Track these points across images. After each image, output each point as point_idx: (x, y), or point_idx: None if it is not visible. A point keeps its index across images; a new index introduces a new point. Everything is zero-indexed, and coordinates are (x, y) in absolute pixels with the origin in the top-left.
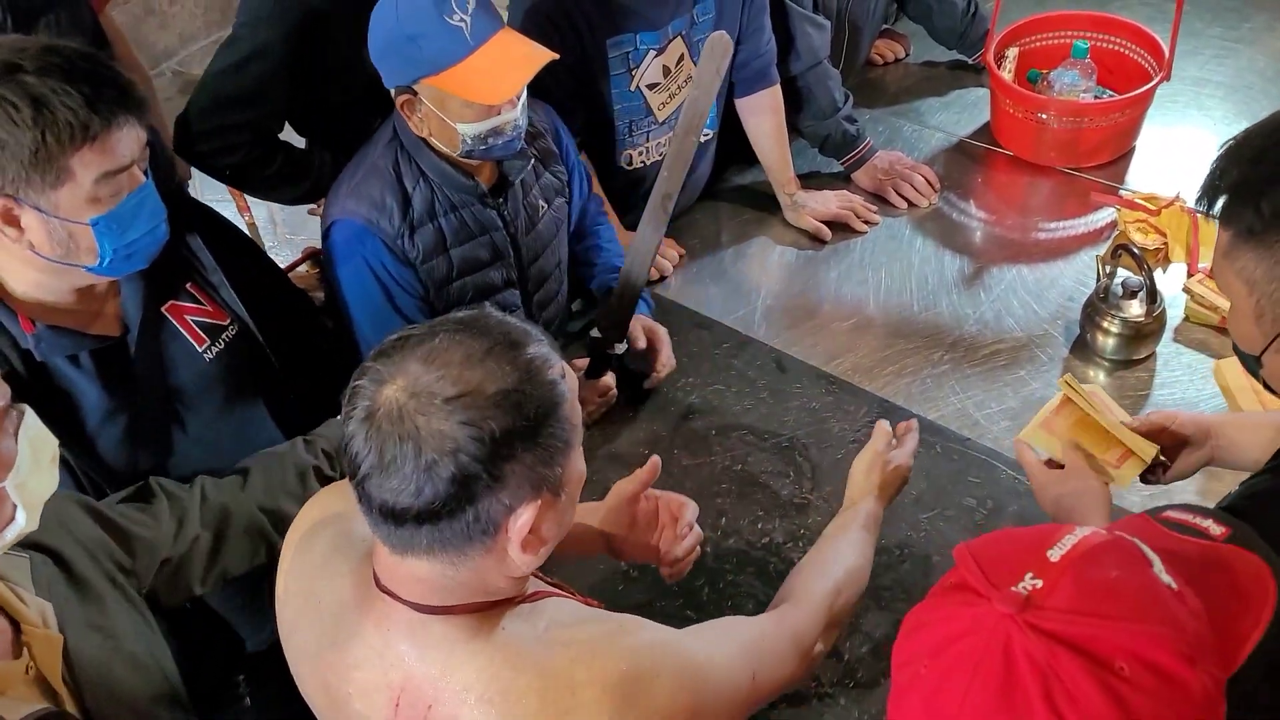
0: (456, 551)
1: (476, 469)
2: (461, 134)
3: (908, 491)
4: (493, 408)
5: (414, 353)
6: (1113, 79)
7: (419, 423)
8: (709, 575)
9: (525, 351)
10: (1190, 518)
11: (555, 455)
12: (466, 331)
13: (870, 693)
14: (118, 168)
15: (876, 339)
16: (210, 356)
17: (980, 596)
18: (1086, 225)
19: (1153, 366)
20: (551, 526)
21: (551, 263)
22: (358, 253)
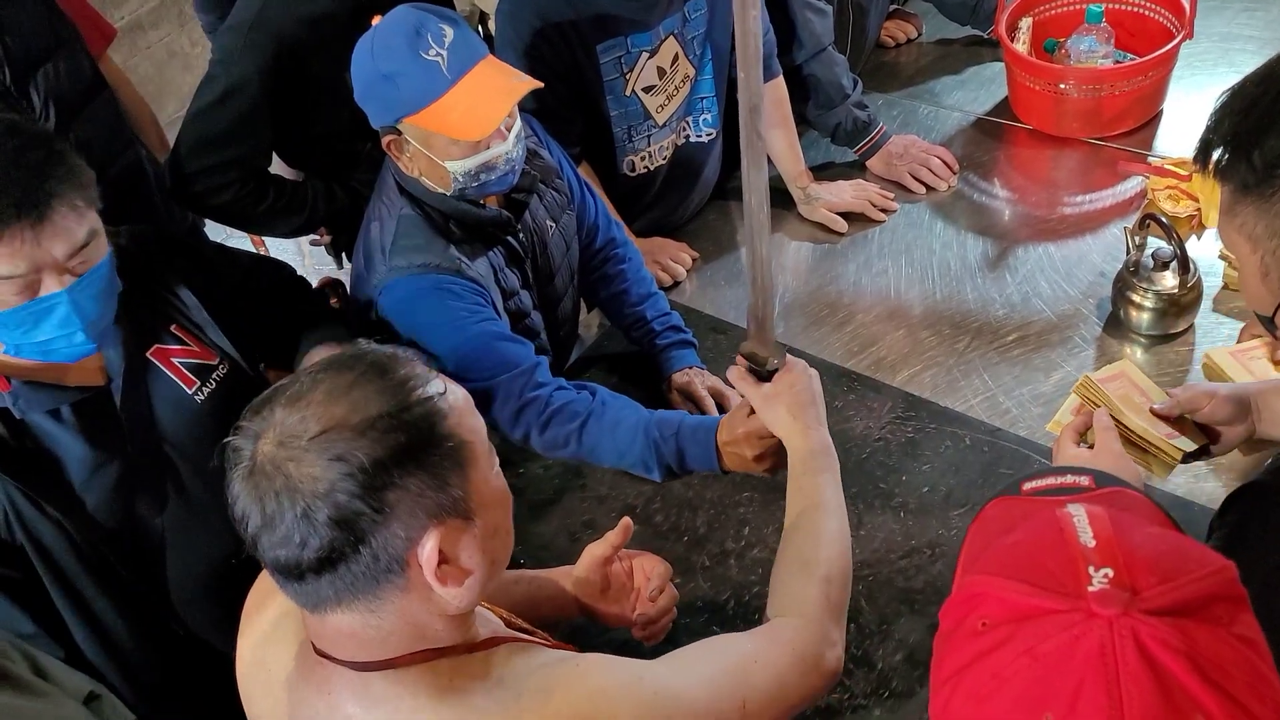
0: (369, 596)
1: (356, 505)
2: (452, 172)
3: (937, 488)
4: (361, 437)
5: (280, 400)
6: (1134, 41)
7: (289, 470)
8: (734, 588)
9: (394, 375)
10: (1053, 480)
11: (446, 475)
12: (331, 369)
13: (906, 703)
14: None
15: (899, 331)
16: (201, 398)
17: (1060, 613)
18: (1115, 196)
19: (1191, 340)
20: (473, 554)
21: (565, 280)
22: (424, 292)
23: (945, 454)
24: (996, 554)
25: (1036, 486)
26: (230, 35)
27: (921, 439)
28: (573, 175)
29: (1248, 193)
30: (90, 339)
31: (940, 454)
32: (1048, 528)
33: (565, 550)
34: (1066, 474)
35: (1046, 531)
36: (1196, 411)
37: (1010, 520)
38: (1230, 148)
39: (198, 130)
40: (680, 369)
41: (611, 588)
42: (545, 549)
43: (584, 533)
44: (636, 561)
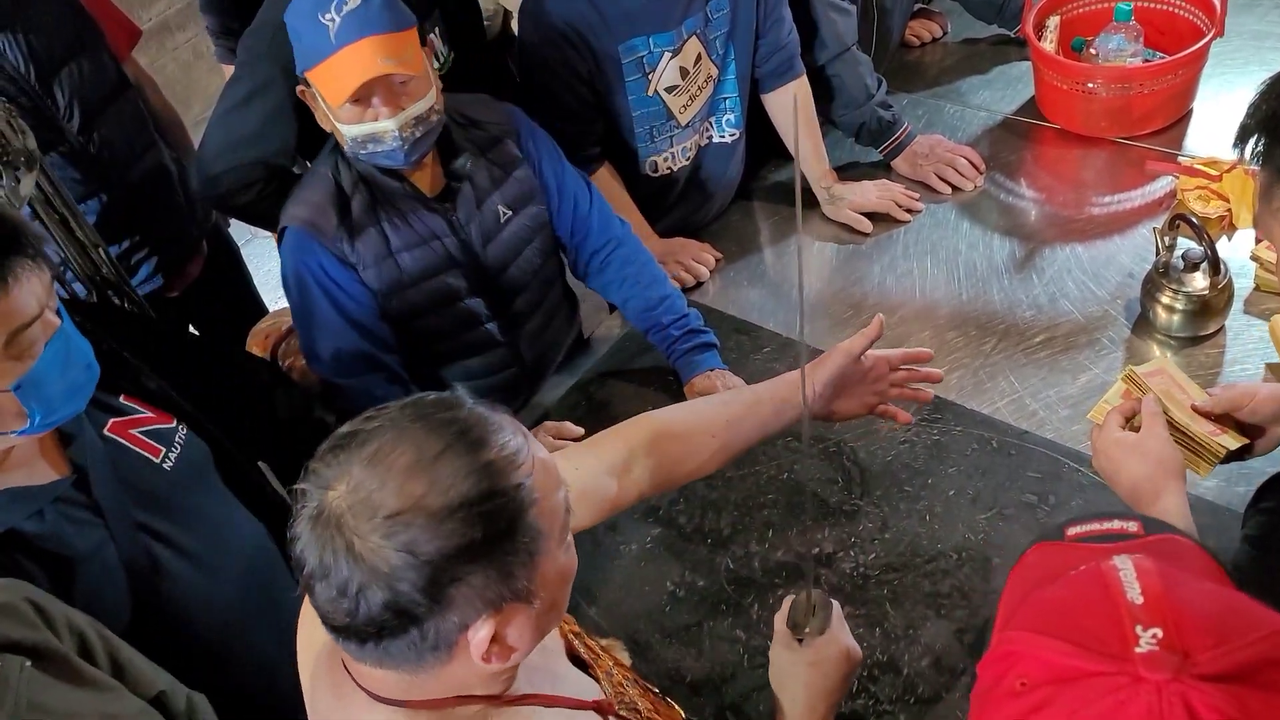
0: (411, 665)
1: (414, 597)
2: (344, 134)
3: (963, 491)
4: (437, 526)
5: (360, 451)
6: (1163, 40)
7: (354, 541)
8: (758, 591)
9: (485, 453)
10: (1098, 525)
11: (517, 569)
12: (423, 424)
13: (932, 708)
14: (24, 323)
15: (924, 332)
16: (170, 465)
17: (1104, 676)
18: (1144, 196)
19: (1222, 342)
20: (525, 633)
21: (527, 273)
22: (300, 257)
23: (972, 457)
24: (1035, 608)
25: (1081, 532)
26: (254, 36)
27: (948, 441)
28: (558, 170)
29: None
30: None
31: (967, 457)
32: (1091, 582)
33: (588, 550)
34: (1114, 519)
35: (1090, 586)
36: (1238, 410)
37: (1051, 569)
38: (1269, 133)
39: (223, 131)
40: (700, 374)
41: (865, 380)
42: None
43: (607, 534)
44: (882, 357)
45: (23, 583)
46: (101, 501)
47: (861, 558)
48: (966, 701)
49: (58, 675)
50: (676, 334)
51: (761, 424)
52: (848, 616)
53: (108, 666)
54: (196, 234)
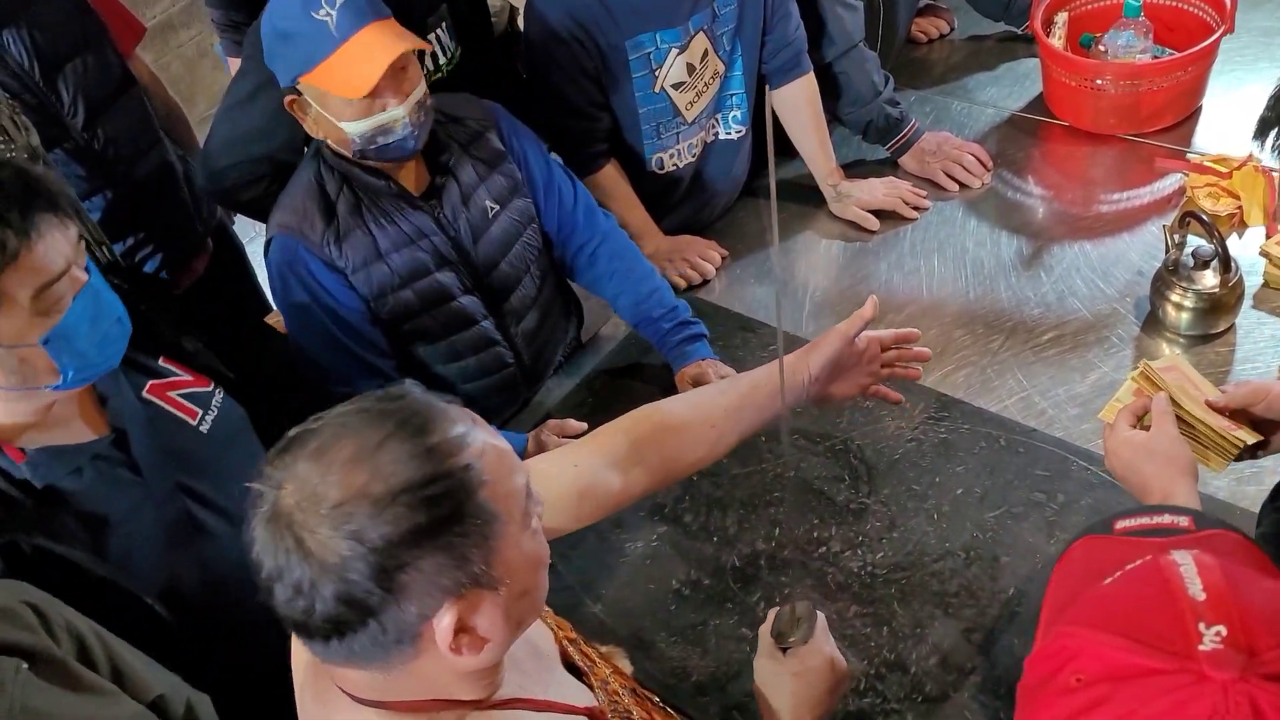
0: (378, 662)
1: (366, 586)
2: (349, 134)
3: (971, 489)
4: (380, 514)
5: (305, 449)
6: (1172, 36)
7: (303, 537)
8: (764, 589)
9: (427, 439)
10: (1148, 520)
11: (472, 551)
12: (363, 420)
13: (939, 707)
14: (52, 278)
15: (932, 330)
16: (206, 428)
17: (1166, 674)
18: (1153, 194)
19: (1233, 340)
20: (495, 621)
21: (519, 268)
22: (289, 266)
23: (980, 455)
24: (1091, 603)
25: (1130, 526)
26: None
27: (955, 439)
28: (542, 165)
29: None
30: (124, 336)
31: (975, 455)
32: (1151, 577)
33: (593, 548)
34: (1164, 513)
35: (1149, 582)
36: (1252, 406)
37: (1101, 563)
38: None
39: (228, 126)
40: (691, 363)
41: (858, 363)
42: (574, 548)
43: (612, 531)
44: (874, 339)
45: (22, 584)
46: (140, 461)
47: (869, 556)
48: (975, 701)
49: (53, 679)
50: (667, 326)
51: (759, 410)
52: (855, 616)
53: (107, 670)
54: (201, 231)
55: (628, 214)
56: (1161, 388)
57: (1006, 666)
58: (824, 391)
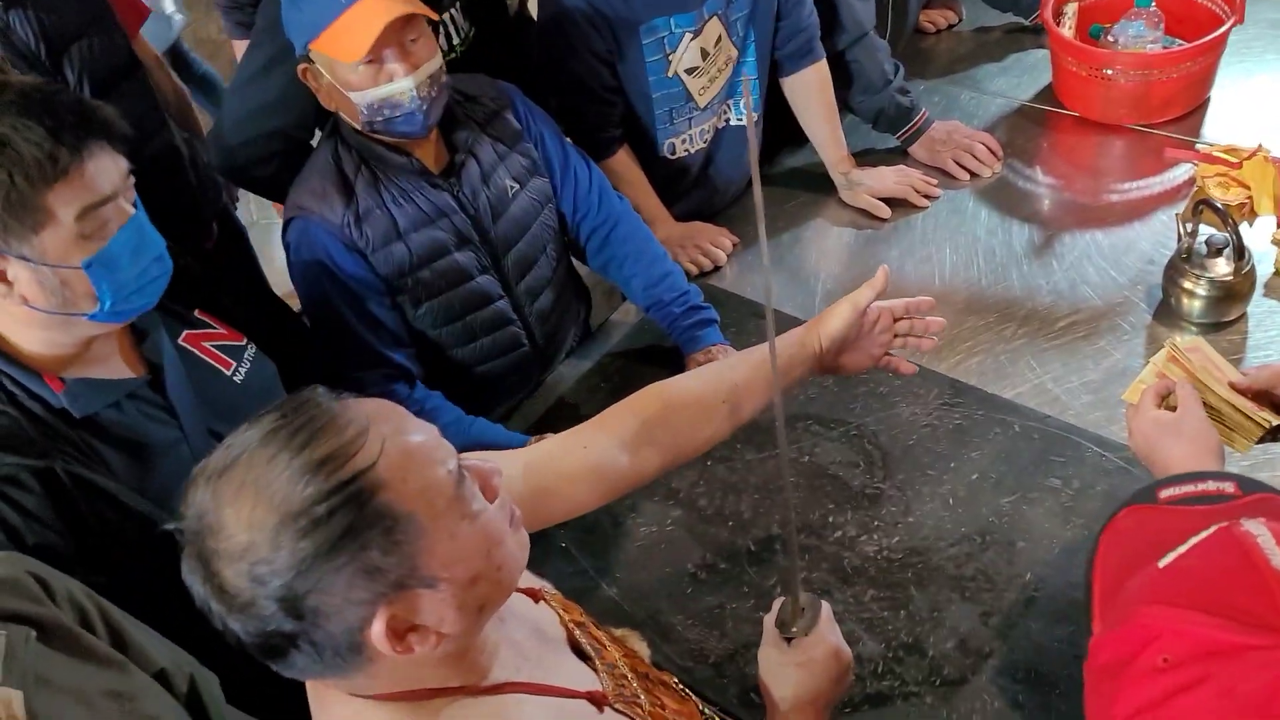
0: (332, 674)
1: (277, 620)
2: (356, 104)
3: (986, 475)
4: (274, 542)
5: (205, 479)
6: (1181, 27)
7: (214, 573)
8: (781, 574)
9: (317, 448)
10: (1193, 487)
11: (383, 560)
12: (258, 432)
13: (958, 690)
14: (98, 200)
15: (945, 317)
16: (240, 379)
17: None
18: (1162, 184)
19: (1244, 328)
20: (443, 613)
21: (535, 248)
22: (308, 248)
23: (994, 441)
24: (1165, 579)
25: (1176, 495)
26: (275, 4)
27: (970, 426)
28: (558, 145)
29: None
30: (168, 261)
31: (989, 441)
32: (1228, 549)
33: (608, 533)
34: (1207, 479)
35: (1227, 553)
36: (1274, 388)
37: (1159, 535)
38: None
39: (242, 100)
40: (702, 349)
41: (868, 333)
42: (589, 532)
43: (627, 516)
44: (887, 309)
45: (24, 556)
46: (176, 402)
47: (885, 541)
48: (994, 685)
49: (62, 649)
50: (678, 310)
51: (768, 385)
52: (872, 600)
53: (107, 641)
54: (207, 214)
55: (640, 200)
56: (1187, 368)
57: (1025, 650)
58: (835, 362)
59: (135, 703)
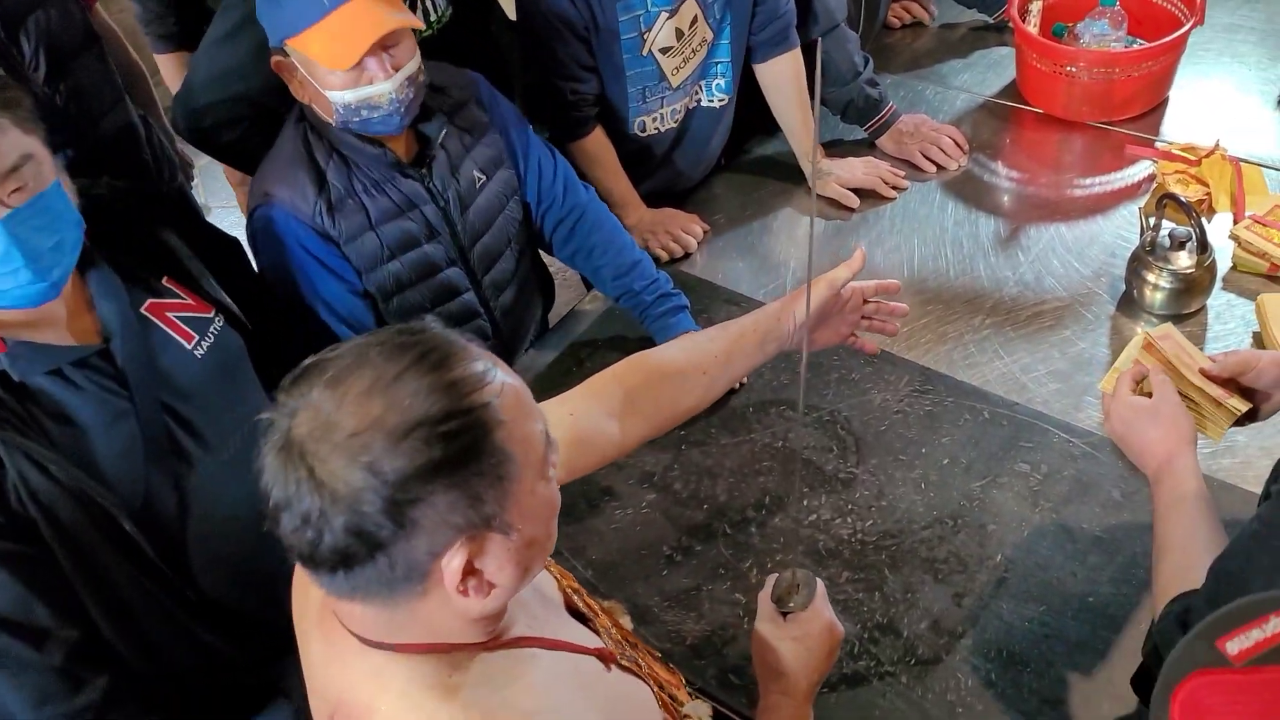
0: (383, 599)
1: (376, 519)
2: (333, 102)
3: (957, 460)
4: (394, 447)
5: (320, 378)
6: (1142, 29)
7: (315, 465)
8: (756, 556)
9: (447, 373)
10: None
11: (486, 492)
12: (381, 352)
13: (932, 669)
14: None
15: (913, 306)
16: (202, 353)
17: None
18: (1124, 180)
19: (1204, 320)
20: (504, 566)
21: (501, 240)
22: (278, 237)
23: (964, 426)
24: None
25: (1249, 649)
26: None
27: (940, 412)
28: (522, 135)
29: None
30: (39, 278)
31: (959, 426)
32: None
33: (583, 515)
34: (1269, 618)
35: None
36: (1243, 375)
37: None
38: None
39: (211, 60)
40: (674, 336)
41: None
42: (564, 514)
43: (602, 498)
44: (858, 289)
45: None
46: (127, 374)
47: (859, 524)
48: (966, 664)
49: None
50: (649, 299)
51: (747, 356)
52: (847, 581)
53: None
54: (163, 193)
55: (612, 183)
56: (1161, 355)
57: (996, 630)
58: (810, 337)
59: None
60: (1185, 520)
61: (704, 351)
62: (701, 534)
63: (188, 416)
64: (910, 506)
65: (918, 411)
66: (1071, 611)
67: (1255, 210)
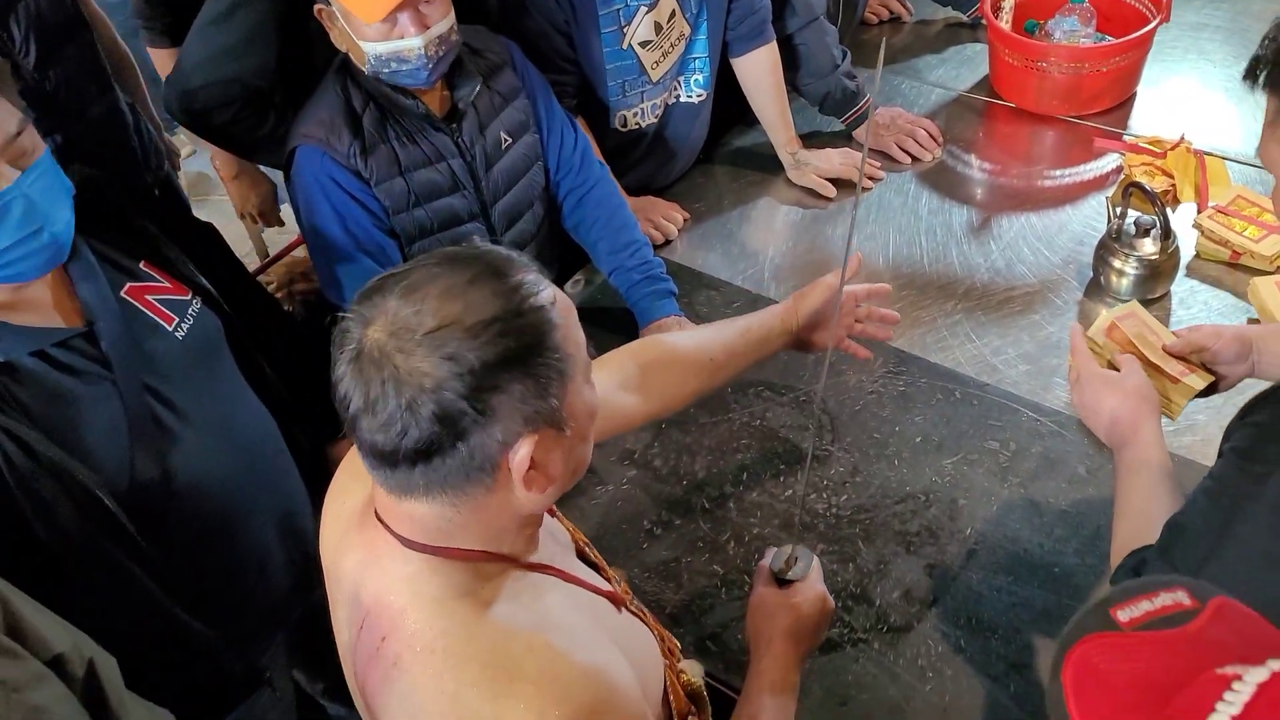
0: (456, 491)
1: (461, 405)
2: (366, 53)
3: (929, 438)
4: (474, 339)
5: (394, 290)
6: (1111, 26)
7: (398, 361)
8: (734, 529)
9: (509, 279)
10: (1150, 604)
11: (549, 386)
12: (448, 264)
13: (903, 636)
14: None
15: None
16: (182, 334)
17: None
18: (1092, 171)
19: (1168, 305)
20: (558, 463)
21: (523, 201)
22: (314, 175)
23: (937, 406)
24: None
25: (1137, 618)
26: None
27: (913, 392)
28: (549, 105)
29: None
30: (57, 237)
31: (932, 406)
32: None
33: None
34: (1158, 592)
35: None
36: (1204, 350)
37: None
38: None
39: (202, 44)
40: (658, 319)
41: (828, 317)
42: None
43: (586, 477)
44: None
45: None
46: (110, 354)
47: (834, 499)
48: (936, 631)
49: None
50: (638, 278)
51: (747, 351)
52: (821, 554)
53: (1, 625)
54: (150, 182)
55: None
56: (1124, 334)
57: (965, 599)
58: (808, 339)
59: (21, 693)
60: (1145, 486)
61: (712, 341)
62: (681, 509)
63: (169, 396)
64: (884, 482)
65: (891, 392)
66: (1038, 581)
67: (1218, 200)
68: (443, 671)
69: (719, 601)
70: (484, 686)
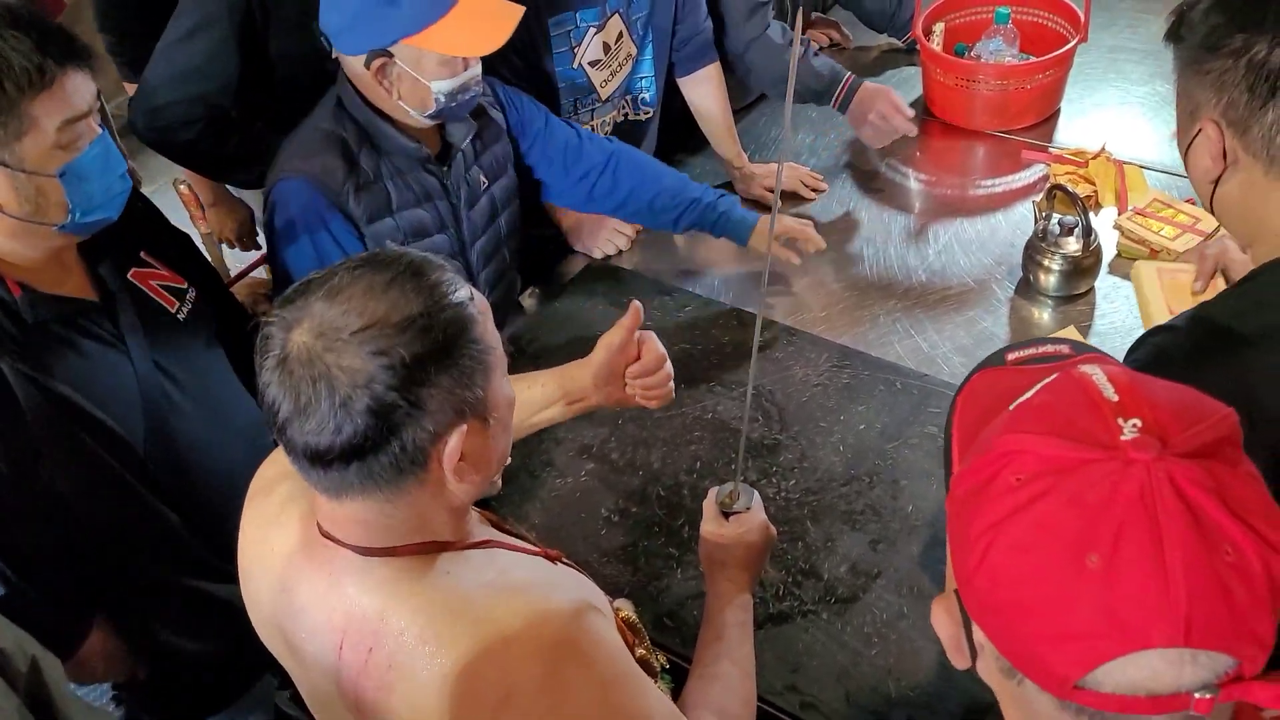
0: (391, 487)
1: (393, 397)
2: (435, 92)
3: (872, 425)
4: (400, 334)
5: (318, 293)
6: (1034, 47)
7: (329, 360)
8: (688, 514)
9: (428, 278)
10: (1035, 350)
11: (474, 377)
12: (367, 266)
13: (850, 606)
14: (77, 115)
15: (832, 295)
16: (183, 317)
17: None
18: (1021, 180)
19: (1093, 300)
20: (483, 453)
21: (491, 244)
22: (300, 210)
23: (879, 396)
24: (1018, 414)
25: (1022, 356)
26: None
27: (857, 384)
28: (535, 110)
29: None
30: (126, 186)
31: (874, 396)
32: (1068, 386)
33: (529, 486)
34: (1045, 344)
35: (1068, 390)
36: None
37: (1007, 388)
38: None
39: (166, 63)
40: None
41: (618, 372)
42: (509, 483)
43: (543, 469)
44: (646, 344)
45: None
46: (125, 331)
47: (783, 484)
48: (881, 600)
49: None
50: (711, 198)
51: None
52: None
53: None
54: None
55: None
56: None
57: (907, 570)
58: (608, 395)
59: None
60: None
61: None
62: (637, 497)
63: (176, 374)
64: (830, 467)
65: (836, 384)
66: None
67: (1136, 204)
68: (439, 655)
69: (674, 581)
70: (483, 658)
